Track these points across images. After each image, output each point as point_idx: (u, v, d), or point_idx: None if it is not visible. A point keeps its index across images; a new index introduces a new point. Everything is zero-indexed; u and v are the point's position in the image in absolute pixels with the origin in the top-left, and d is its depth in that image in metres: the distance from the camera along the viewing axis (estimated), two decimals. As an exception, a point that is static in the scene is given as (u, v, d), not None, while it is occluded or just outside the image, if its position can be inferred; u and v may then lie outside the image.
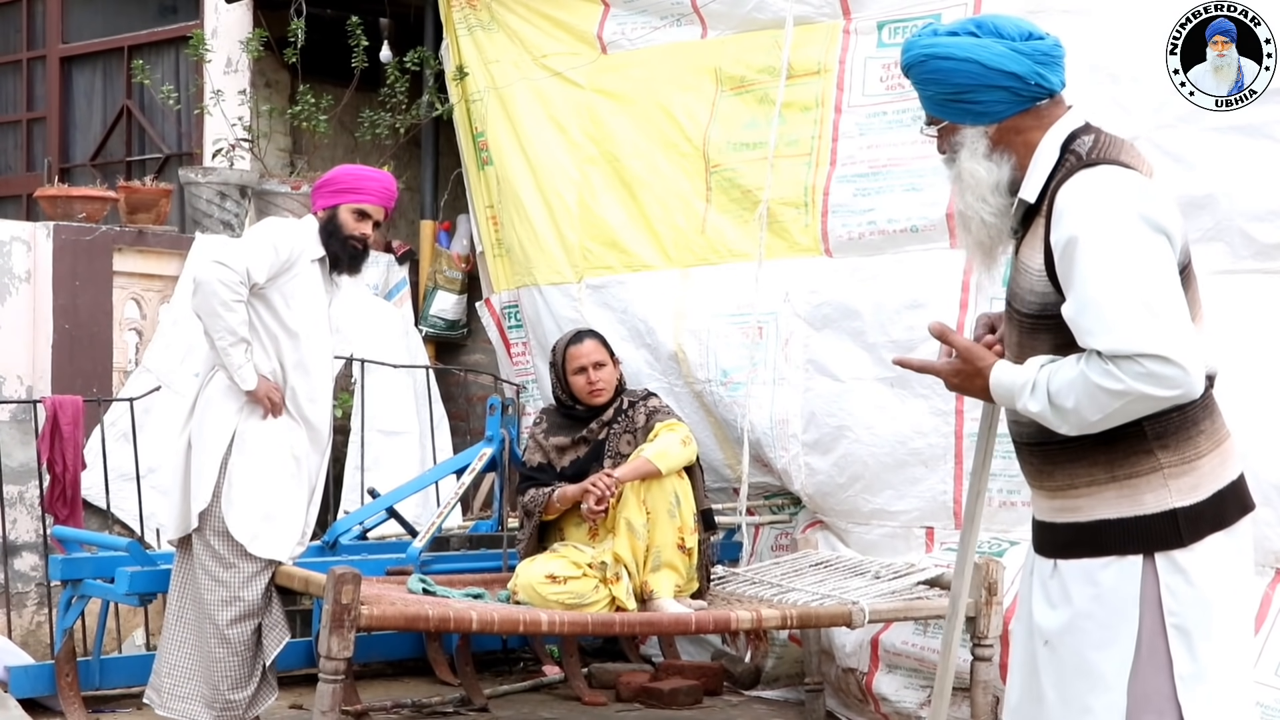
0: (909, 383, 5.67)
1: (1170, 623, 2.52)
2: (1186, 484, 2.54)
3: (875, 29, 6.05)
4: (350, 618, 4.34)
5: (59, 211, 6.94)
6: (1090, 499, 2.60)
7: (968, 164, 2.67)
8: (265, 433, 4.93)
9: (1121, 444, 2.56)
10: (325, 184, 5.17)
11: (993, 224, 2.67)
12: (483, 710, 5.65)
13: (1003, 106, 2.64)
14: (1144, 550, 2.55)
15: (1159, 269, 2.46)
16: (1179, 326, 2.44)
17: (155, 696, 4.99)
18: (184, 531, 4.94)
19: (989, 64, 2.62)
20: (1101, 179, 2.53)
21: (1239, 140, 5.01)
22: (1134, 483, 2.56)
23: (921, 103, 2.75)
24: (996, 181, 2.66)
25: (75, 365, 6.72)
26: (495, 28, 7.33)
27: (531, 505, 5.32)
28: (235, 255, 4.85)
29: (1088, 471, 2.60)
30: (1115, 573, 2.56)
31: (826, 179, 6.05)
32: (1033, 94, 2.64)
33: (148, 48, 8.83)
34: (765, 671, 6.12)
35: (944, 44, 2.65)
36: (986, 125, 2.66)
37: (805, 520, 6.14)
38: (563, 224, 6.89)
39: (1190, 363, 2.43)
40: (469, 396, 7.97)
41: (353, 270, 5.17)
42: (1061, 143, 2.63)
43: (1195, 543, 2.53)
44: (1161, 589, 2.53)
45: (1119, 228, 2.47)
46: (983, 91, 2.63)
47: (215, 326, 4.83)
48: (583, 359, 5.44)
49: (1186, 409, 2.54)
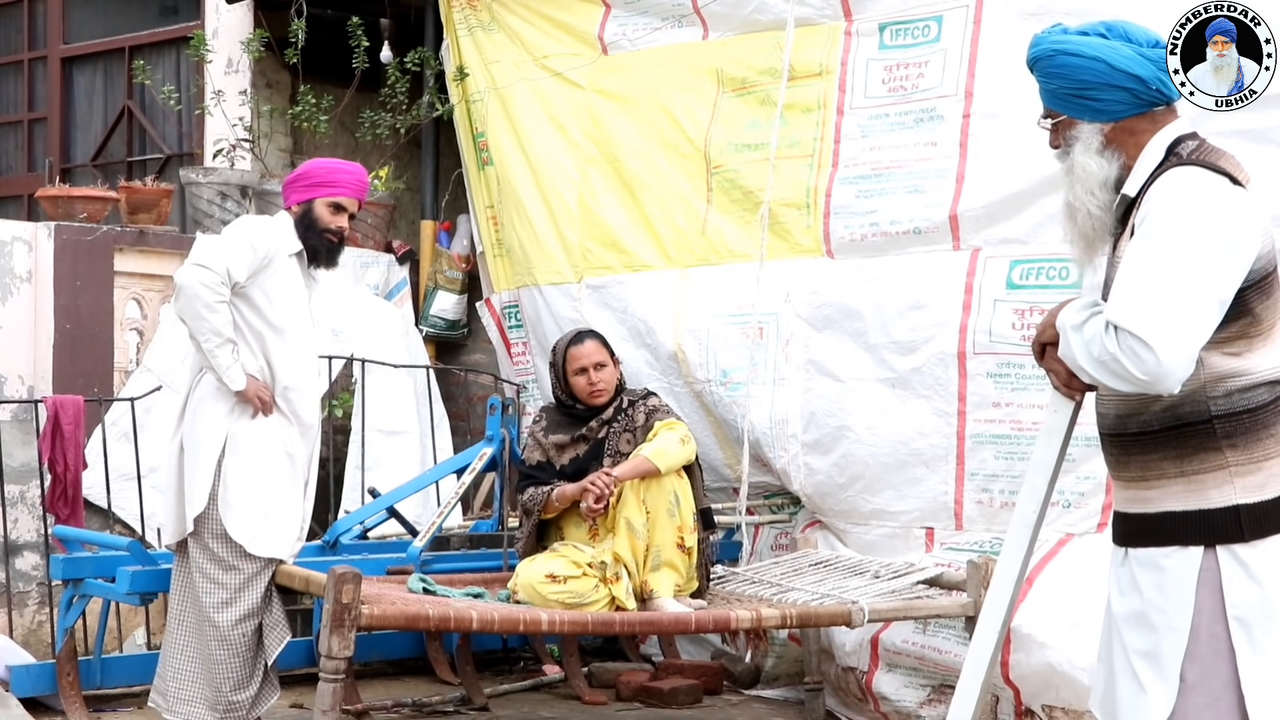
0: (910, 383, 5.69)
1: (1232, 614, 2.61)
2: (1253, 482, 2.63)
3: (877, 30, 6.05)
4: (351, 617, 4.35)
5: (60, 212, 6.95)
6: (1159, 491, 2.70)
7: (1081, 158, 2.79)
8: (258, 432, 4.93)
9: (1192, 440, 2.66)
10: (298, 179, 5.16)
11: (1098, 217, 2.78)
12: (483, 709, 5.66)
13: (1121, 107, 2.78)
14: (1205, 542, 2.64)
15: (1197, 272, 2.56)
16: (1178, 325, 2.53)
17: (160, 700, 4.99)
18: (180, 536, 4.94)
19: (1115, 64, 2.75)
20: (1190, 177, 2.66)
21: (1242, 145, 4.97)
22: (1201, 478, 2.66)
23: (1041, 96, 2.86)
24: (1106, 177, 2.78)
25: (76, 365, 6.73)
26: (496, 28, 7.34)
27: (530, 504, 5.33)
28: (214, 256, 4.83)
29: (1158, 465, 2.70)
30: (1177, 562, 2.67)
31: (829, 180, 6.06)
32: (1151, 98, 2.78)
33: (149, 48, 8.84)
34: (765, 671, 6.13)
35: (1074, 42, 2.79)
36: (1103, 123, 2.79)
37: (805, 520, 6.14)
38: (563, 224, 6.89)
39: (1170, 360, 2.52)
40: (469, 396, 7.98)
41: (330, 263, 5.17)
42: (1168, 145, 2.75)
43: (1259, 539, 2.62)
44: (1223, 580, 2.62)
45: (1183, 223, 2.59)
46: (1105, 90, 2.77)
47: (200, 329, 4.82)
48: (583, 359, 5.45)
49: (1259, 412, 2.64)
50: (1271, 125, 4.93)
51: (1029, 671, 5.04)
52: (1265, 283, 2.66)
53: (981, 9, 5.74)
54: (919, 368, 5.66)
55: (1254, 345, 2.66)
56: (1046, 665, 4.93)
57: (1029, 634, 5.03)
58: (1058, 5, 5.41)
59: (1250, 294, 2.63)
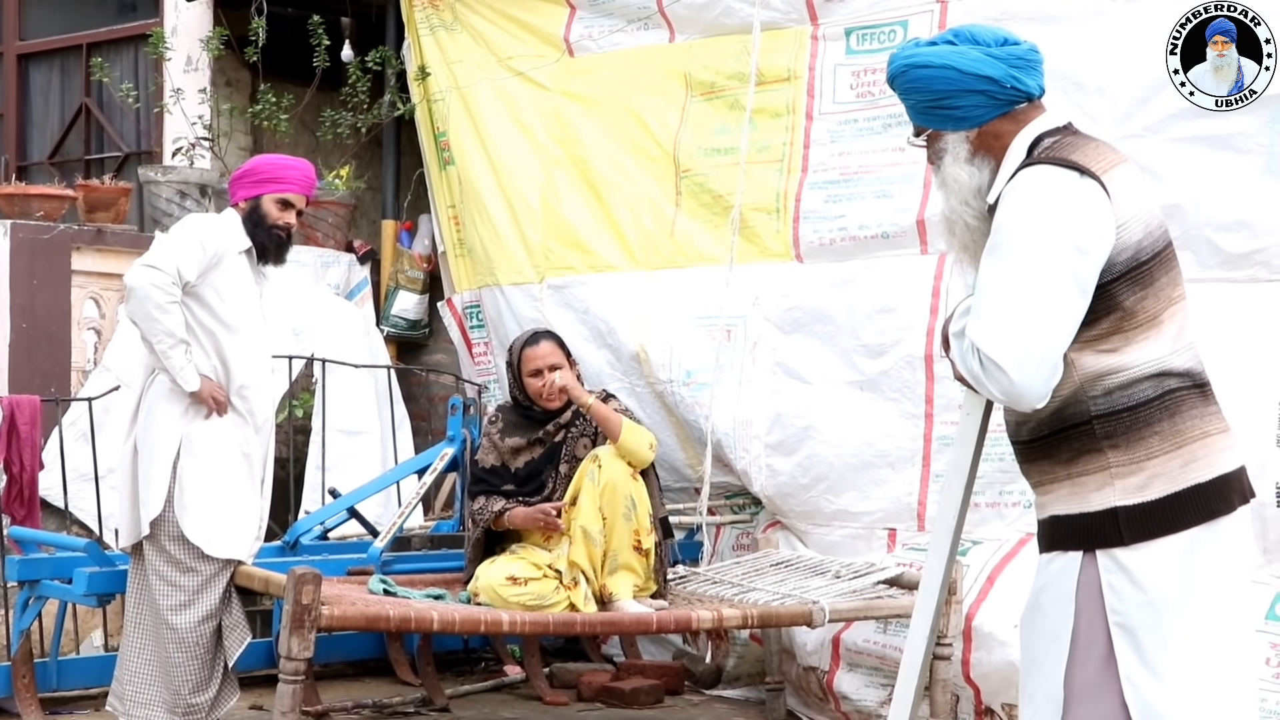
0: (878, 386, 5.72)
1: (1114, 621, 2.56)
2: (1133, 484, 2.57)
3: (843, 35, 6.07)
4: (310, 618, 4.33)
5: (16, 210, 6.89)
6: (1050, 495, 2.67)
7: (951, 169, 2.74)
8: (213, 433, 4.89)
9: (1075, 442, 2.61)
10: (245, 175, 5.13)
11: (975, 227, 2.72)
12: (444, 710, 5.64)
13: (981, 111, 2.71)
14: (1084, 546, 2.60)
15: (1045, 281, 2.52)
16: (1028, 345, 2.51)
17: (118, 704, 4.95)
18: (136, 539, 4.89)
19: (964, 69, 2.69)
20: (1032, 179, 2.59)
21: (1205, 151, 5.07)
22: (1083, 480, 2.61)
23: (908, 113, 2.81)
24: (978, 186, 2.72)
25: (33, 365, 6.67)
26: (458, 28, 7.32)
27: (479, 518, 5.32)
28: (164, 257, 4.79)
29: (1050, 469, 2.66)
30: (1058, 567, 2.64)
31: (798, 185, 6.09)
32: (1009, 97, 2.70)
33: (106, 45, 8.77)
34: (726, 671, 6.14)
35: (923, 54, 2.73)
36: (967, 130, 2.73)
37: (765, 520, 6.16)
38: (525, 224, 6.89)
39: (1024, 381, 2.51)
40: (430, 396, 7.96)
41: (278, 260, 5.13)
42: (1029, 144, 2.69)
43: (1140, 542, 2.55)
44: (1104, 587, 2.57)
45: (1025, 231, 2.55)
46: (960, 96, 2.70)
47: (152, 330, 4.78)
48: (538, 361, 5.44)
49: (1141, 409, 2.57)
50: (1234, 131, 4.98)
51: (990, 670, 5.07)
52: (1136, 273, 2.58)
53: (946, 14, 5.76)
54: (887, 370, 5.70)
55: (1131, 339, 2.58)
56: (1007, 663, 4.96)
57: (990, 633, 5.06)
58: (1021, 9, 5.45)
59: (1117, 287, 2.56)
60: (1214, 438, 2.62)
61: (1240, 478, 2.65)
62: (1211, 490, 2.59)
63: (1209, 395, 2.66)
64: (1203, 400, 2.64)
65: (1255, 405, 4.80)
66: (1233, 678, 2.61)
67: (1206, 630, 2.57)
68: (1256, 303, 4.99)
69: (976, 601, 5.17)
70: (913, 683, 2.92)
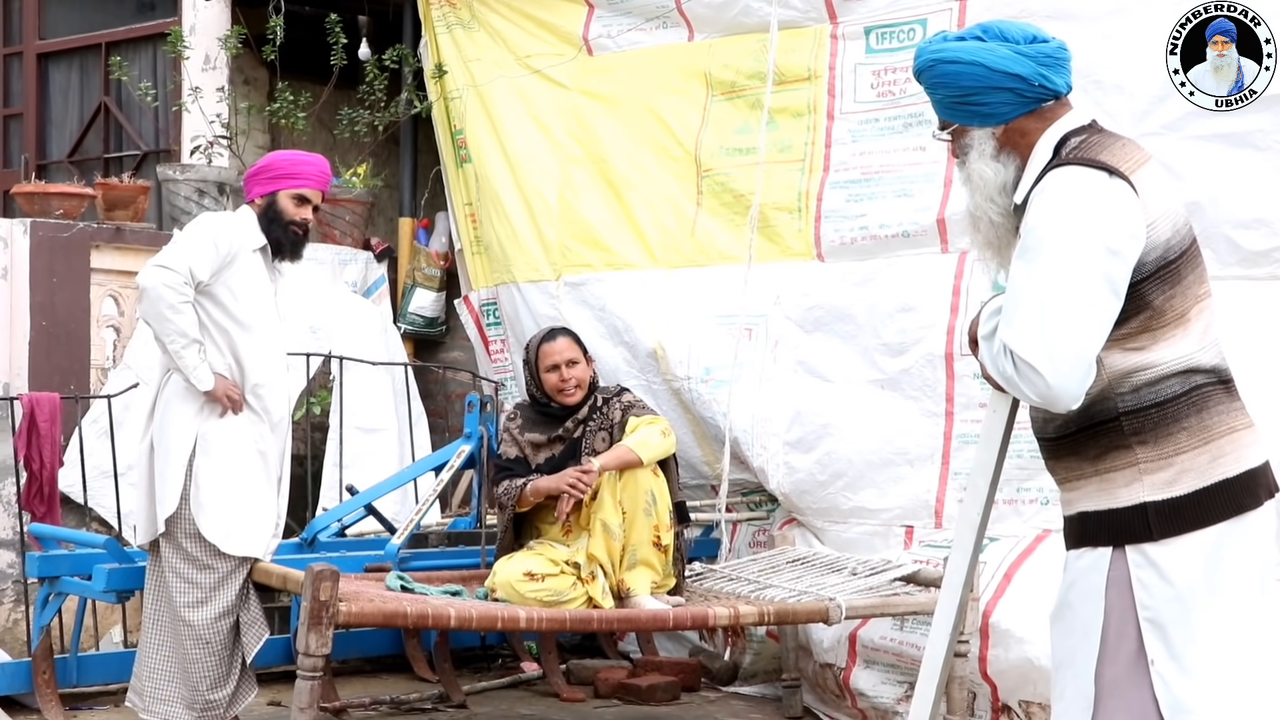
0: (899, 384, 5.74)
1: (1143, 615, 2.56)
2: (1162, 479, 2.57)
3: (863, 34, 6.07)
4: (328, 614, 4.34)
5: (36, 208, 6.92)
6: (1078, 492, 2.67)
7: (976, 165, 2.73)
8: (228, 431, 4.90)
9: (1104, 439, 2.61)
10: (260, 171, 5.12)
11: (1000, 224, 2.73)
12: (461, 707, 5.65)
13: (1008, 108, 2.70)
14: (1113, 542, 2.60)
15: (1078, 282, 2.51)
16: (1063, 346, 2.50)
17: (137, 700, 4.97)
18: (153, 536, 4.91)
19: (993, 66, 2.68)
20: (1062, 180, 2.58)
21: (1224, 149, 5.06)
22: (1112, 476, 2.61)
23: (934, 107, 2.81)
24: (1003, 182, 2.71)
25: (53, 362, 6.70)
26: (476, 26, 7.33)
27: (505, 498, 5.32)
28: (176, 256, 4.79)
29: (1077, 465, 2.67)
30: (1087, 563, 2.63)
31: (820, 185, 6.10)
32: (1037, 95, 2.69)
33: (125, 44, 8.79)
34: (743, 667, 6.14)
35: (951, 49, 2.72)
36: (993, 127, 2.72)
37: (782, 517, 6.16)
38: (542, 222, 6.89)
39: (1060, 383, 2.50)
40: (447, 394, 7.97)
41: (294, 256, 5.12)
42: (1055, 143, 2.68)
43: (1169, 538, 2.56)
44: (1133, 581, 2.57)
45: (1056, 232, 2.54)
46: (988, 93, 2.69)
47: (165, 330, 4.78)
48: (555, 356, 5.46)
49: (1168, 406, 2.58)
50: (1253, 129, 4.97)
51: (1006, 667, 5.06)
52: (1164, 272, 2.58)
53: (965, 12, 5.75)
54: (908, 369, 5.71)
55: (1159, 337, 2.58)
56: (1024, 660, 4.95)
57: (1007, 629, 5.06)
58: (1039, 6, 5.44)
59: (1146, 286, 2.57)
60: (1240, 433, 2.63)
61: (1266, 473, 2.66)
62: (1239, 485, 2.60)
63: (1234, 391, 2.67)
64: (1228, 396, 2.65)
65: (1276, 401, 4.78)
66: (1260, 672, 2.61)
67: (1234, 624, 2.57)
68: (1276, 300, 4.98)
69: (994, 598, 5.16)
70: (934, 680, 2.91)
